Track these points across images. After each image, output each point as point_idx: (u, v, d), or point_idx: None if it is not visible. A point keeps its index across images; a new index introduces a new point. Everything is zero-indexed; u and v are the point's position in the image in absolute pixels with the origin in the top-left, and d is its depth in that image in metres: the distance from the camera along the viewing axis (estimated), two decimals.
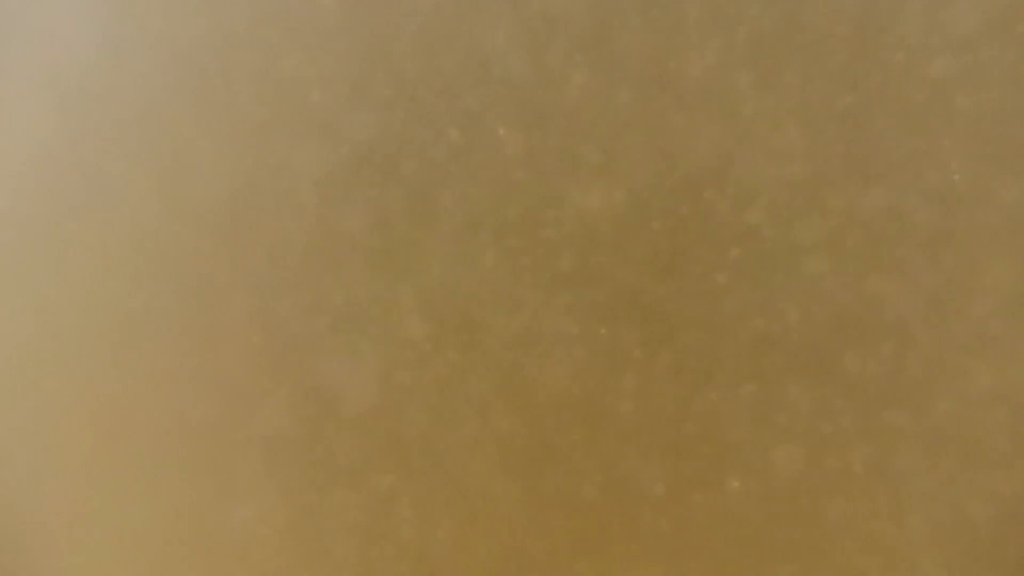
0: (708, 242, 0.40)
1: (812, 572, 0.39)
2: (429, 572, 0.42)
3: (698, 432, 0.40)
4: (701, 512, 0.40)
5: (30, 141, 0.46)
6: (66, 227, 0.45)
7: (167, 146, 0.44)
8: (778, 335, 0.39)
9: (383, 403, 0.42)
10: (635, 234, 0.40)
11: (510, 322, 0.41)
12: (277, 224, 0.43)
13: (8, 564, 0.46)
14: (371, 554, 0.43)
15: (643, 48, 0.40)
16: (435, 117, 0.42)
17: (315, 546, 0.43)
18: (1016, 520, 0.38)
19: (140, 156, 0.45)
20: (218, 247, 0.44)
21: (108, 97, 0.45)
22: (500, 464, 0.42)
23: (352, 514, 0.43)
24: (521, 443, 0.41)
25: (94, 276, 0.45)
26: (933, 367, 0.38)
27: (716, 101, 0.39)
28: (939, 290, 0.38)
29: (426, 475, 0.42)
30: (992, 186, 0.37)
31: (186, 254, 0.44)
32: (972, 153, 0.37)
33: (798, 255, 0.39)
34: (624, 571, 0.41)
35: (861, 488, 0.39)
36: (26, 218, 0.46)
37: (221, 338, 0.44)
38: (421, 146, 0.42)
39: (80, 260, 0.45)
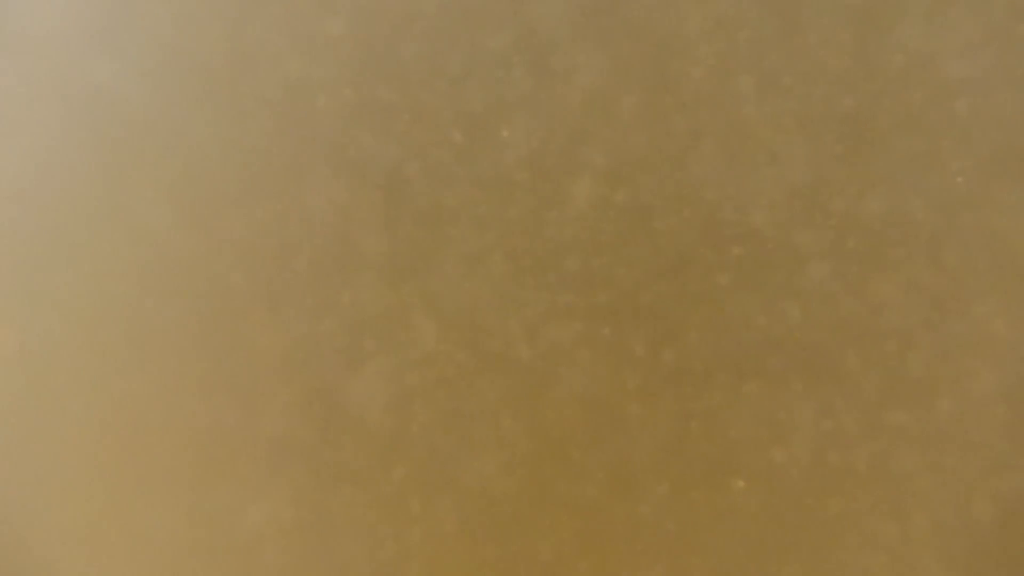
0: (710, 243, 0.40)
1: (816, 571, 0.40)
2: (436, 571, 0.43)
3: (702, 432, 0.40)
4: (706, 511, 0.40)
5: (41, 149, 0.46)
6: (77, 233, 0.46)
7: (177, 152, 0.45)
8: (780, 335, 0.39)
9: (391, 404, 0.43)
10: (638, 235, 0.40)
11: (514, 323, 0.42)
12: (285, 228, 0.43)
13: (19, 564, 0.46)
14: (379, 553, 0.43)
15: (646, 51, 0.40)
16: (439, 120, 0.42)
17: (324, 546, 0.44)
18: (1018, 519, 0.38)
19: (150, 162, 0.45)
20: (227, 251, 0.44)
21: (118, 104, 0.45)
22: (506, 464, 0.42)
23: (361, 514, 0.43)
24: (527, 443, 0.42)
25: (105, 281, 0.45)
26: (935, 367, 0.38)
27: (718, 104, 0.39)
28: (940, 290, 0.38)
29: (433, 475, 0.42)
30: (992, 187, 0.37)
31: (196, 258, 0.44)
32: (973, 155, 0.37)
33: (800, 256, 0.39)
34: (629, 570, 0.41)
35: (864, 487, 0.39)
36: (37, 225, 0.46)
37: (231, 341, 0.44)
38: (425, 148, 0.42)
39: (91, 265, 0.46)
